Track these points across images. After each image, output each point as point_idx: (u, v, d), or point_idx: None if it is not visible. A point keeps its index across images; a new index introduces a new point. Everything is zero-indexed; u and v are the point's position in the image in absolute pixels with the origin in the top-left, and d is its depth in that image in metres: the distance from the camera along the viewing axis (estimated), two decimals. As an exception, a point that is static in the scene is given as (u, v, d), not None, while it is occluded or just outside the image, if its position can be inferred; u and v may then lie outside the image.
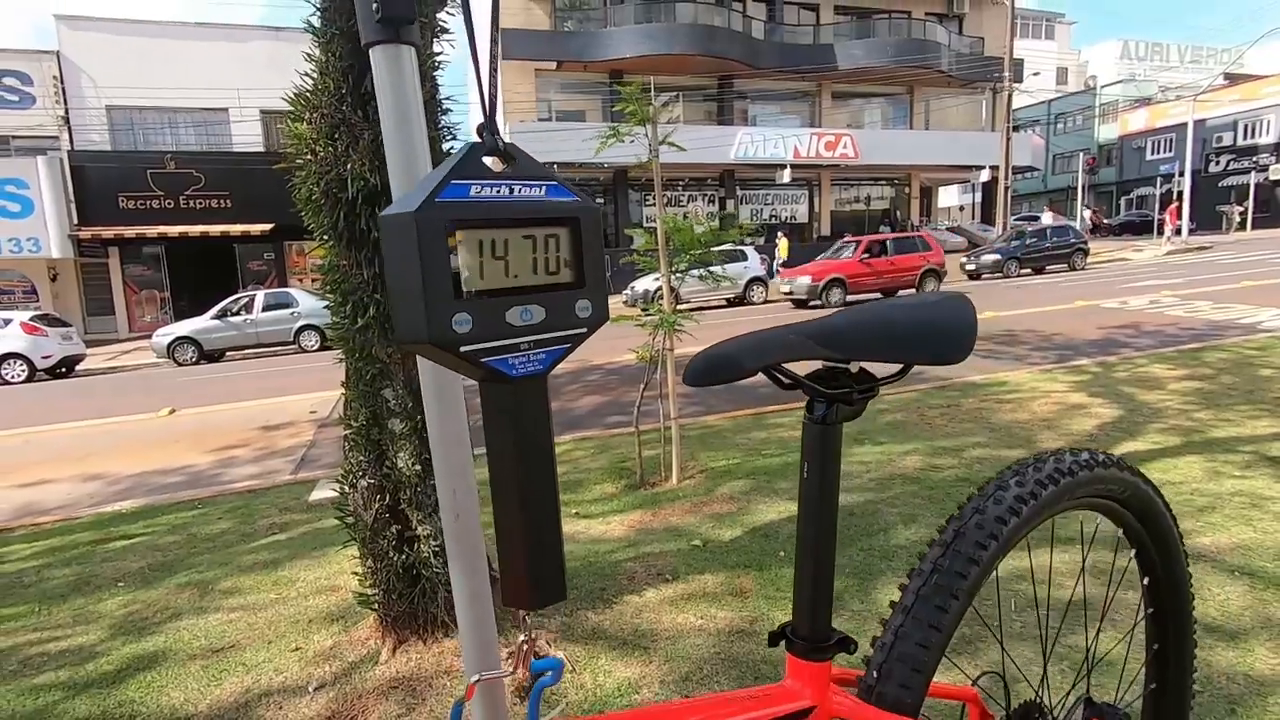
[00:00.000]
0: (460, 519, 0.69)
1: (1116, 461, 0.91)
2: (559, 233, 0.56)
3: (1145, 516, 0.96)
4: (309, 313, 13.81)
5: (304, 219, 2.17)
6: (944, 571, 0.73)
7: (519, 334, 0.53)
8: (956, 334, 0.67)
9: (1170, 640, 1.06)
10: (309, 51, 2.11)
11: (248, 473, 5.52)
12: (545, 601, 0.53)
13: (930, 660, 0.69)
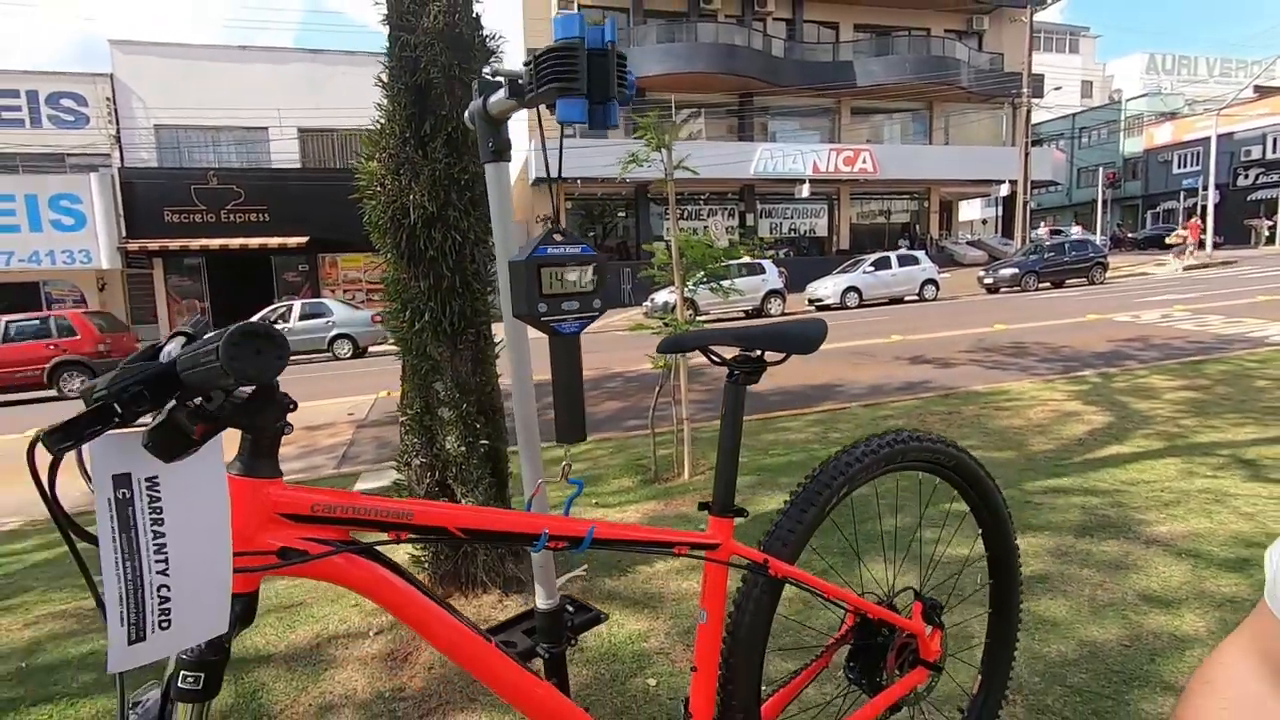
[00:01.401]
0: (524, 417, 1.12)
1: (946, 442, 1.29)
2: (586, 268, 1.00)
3: (972, 482, 1.34)
4: (342, 322, 14.44)
5: (372, 240, 2.59)
6: (809, 490, 1.14)
7: (566, 314, 0.99)
8: (812, 338, 1.07)
9: (1001, 577, 1.49)
10: (378, 102, 2.55)
11: (294, 468, 5.98)
12: (575, 438, 0.96)
13: (798, 535, 1.10)
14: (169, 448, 0.60)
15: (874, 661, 1.28)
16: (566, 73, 0.89)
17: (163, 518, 0.64)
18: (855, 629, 1.30)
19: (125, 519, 0.63)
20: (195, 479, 0.65)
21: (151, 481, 0.63)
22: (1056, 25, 44.59)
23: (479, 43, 2.58)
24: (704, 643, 1.09)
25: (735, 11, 23.39)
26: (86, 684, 2.52)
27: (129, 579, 0.64)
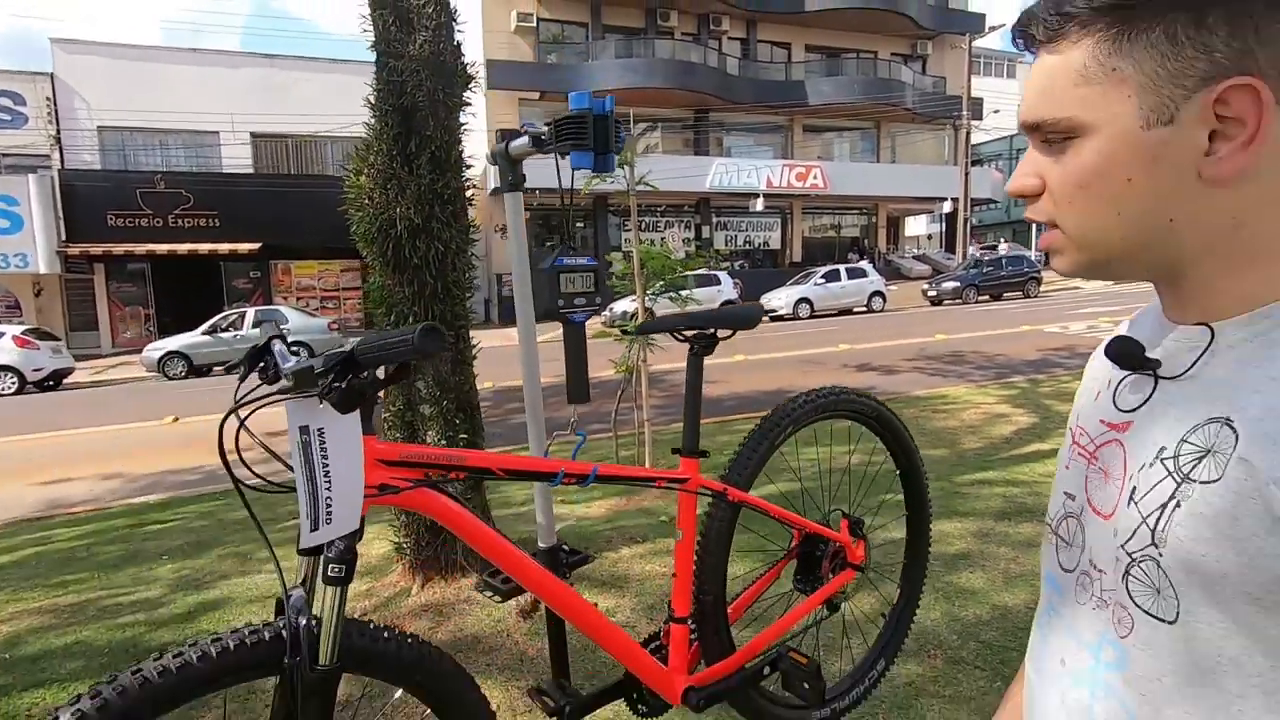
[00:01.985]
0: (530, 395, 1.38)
1: (869, 397, 1.60)
2: (590, 274, 1.28)
3: (887, 427, 1.66)
4: (298, 329, 14.25)
5: (360, 249, 2.79)
6: (759, 432, 1.45)
7: (577, 308, 1.28)
8: (752, 317, 1.41)
9: (914, 506, 1.85)
10: (367, 122, 2.75)
11: (260, 472, 6.02)
12: (582, 399, 1.23)
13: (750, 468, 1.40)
14: (346, 403, 0.86)
15: (813, 569, 1.60)
16: (579, 133, 1.16)
17: (327, 454, 0.89)
18: (800, 543, 1.61)
19: (308, 453, 0.88)
20: (344, 431, 0.90)
21: (320, 431, 0.89)
22: (996, 51, 46.80)
23: (461, 70, 2.81)
24: (681, 556, 1.38)
25: (692, 29, 24.00)
26: (75, 669, 2.62)
27: (310, 491, 0.92)
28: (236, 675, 0.91)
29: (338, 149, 21.30)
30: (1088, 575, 0.58)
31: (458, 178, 2.86)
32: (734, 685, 1.38)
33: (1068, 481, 0.64)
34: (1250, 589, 0.47)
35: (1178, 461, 0.51)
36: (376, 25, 2.71)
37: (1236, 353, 0.51)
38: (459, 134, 2.87)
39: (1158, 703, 0.52)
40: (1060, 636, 0.62)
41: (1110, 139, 0.50)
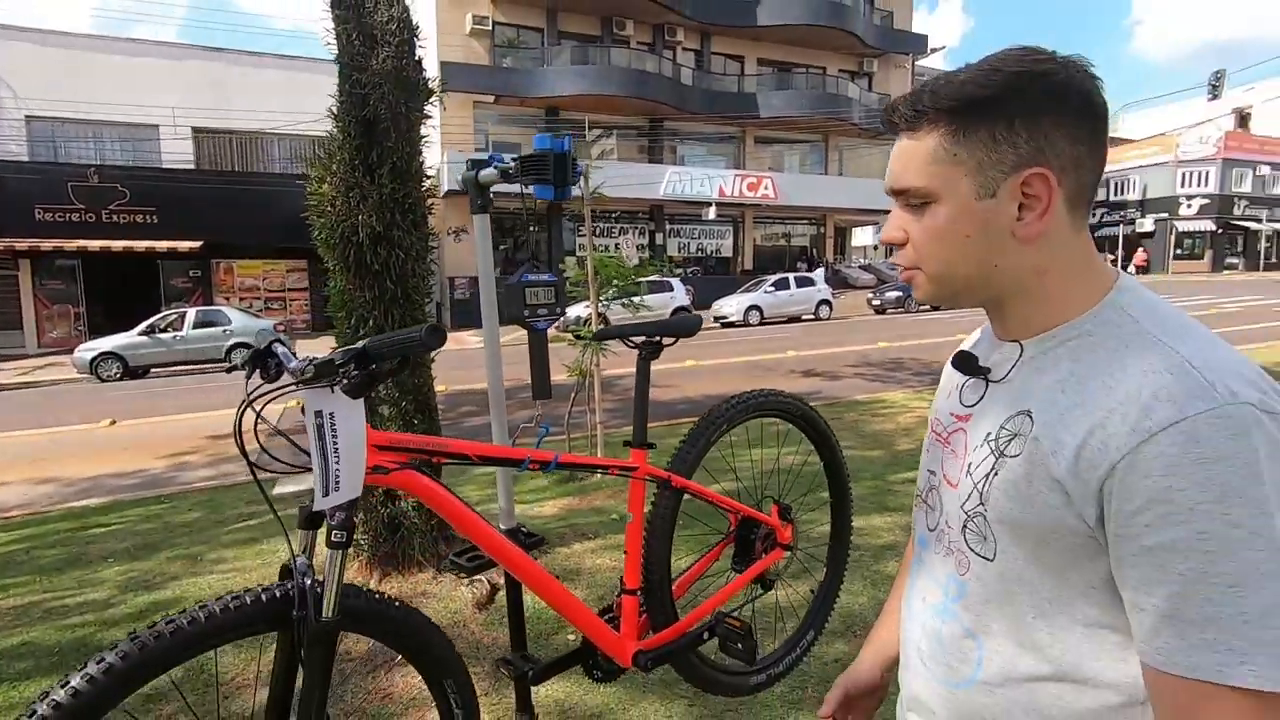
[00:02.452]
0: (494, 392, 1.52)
1: (794, 398, 1.81)
2: (550, 288, 1.42)
3: (811, 425, 1.86)
4: (242, 331, 13.91)
5: (321, 254, 2.88)
6: (698, 428, 1.64)
7: (540, 317, 1.44)
8: (692, 327, 1.58)
9: (836, 494, 2.05)
10: (328, 130, 2.85)
11: (204, 475, 5.94)
12: (544, 394, 1.38)
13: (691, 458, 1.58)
14: (358, 391, 1.04)
15: (749, 551, 1.80)
16: (541, 169, 1.32)
17: (337, 434, 1.03)
18: (737, 527, 1.82)
19: (321, 433, 1.02)
20: (350, 415, 1.05)
21: (332, 415, 1.03)
22: (938, 71, 48.72)
23: (422, 84, 2.93)
24: (631, 536, 1.55)
25: (647, 39, 24.31)
26: (24, 669, 2.63)
27: (323, 464, 1.07)
28: (251, 627, 1.04)
29: (284, 146, 20.83)
30: (942, 531, 0.79)
31: (418, 187, 2.97)
32: (678, 649, 1.56)
33: (929, 461, 0.84)
34: (1038, 532, 0.67)
35: (997, 442, 0.71)
36: (340, 40, 2.81)
37: (1035, 363, 0.71)
38: (420, 145, 2.99)
39: (984, 620, 0.72)
40: (923, 580, 0.82)
41: (953, 206, 0.69)
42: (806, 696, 2.25)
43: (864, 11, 26.65)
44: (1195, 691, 0.56)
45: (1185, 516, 0.56)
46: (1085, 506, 0.62)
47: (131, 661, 0.93)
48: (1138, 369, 0.62)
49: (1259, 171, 35.25)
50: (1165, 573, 0.57)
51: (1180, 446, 0.56)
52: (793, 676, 2.33)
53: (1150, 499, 0.57)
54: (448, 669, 1.23)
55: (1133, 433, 0.59)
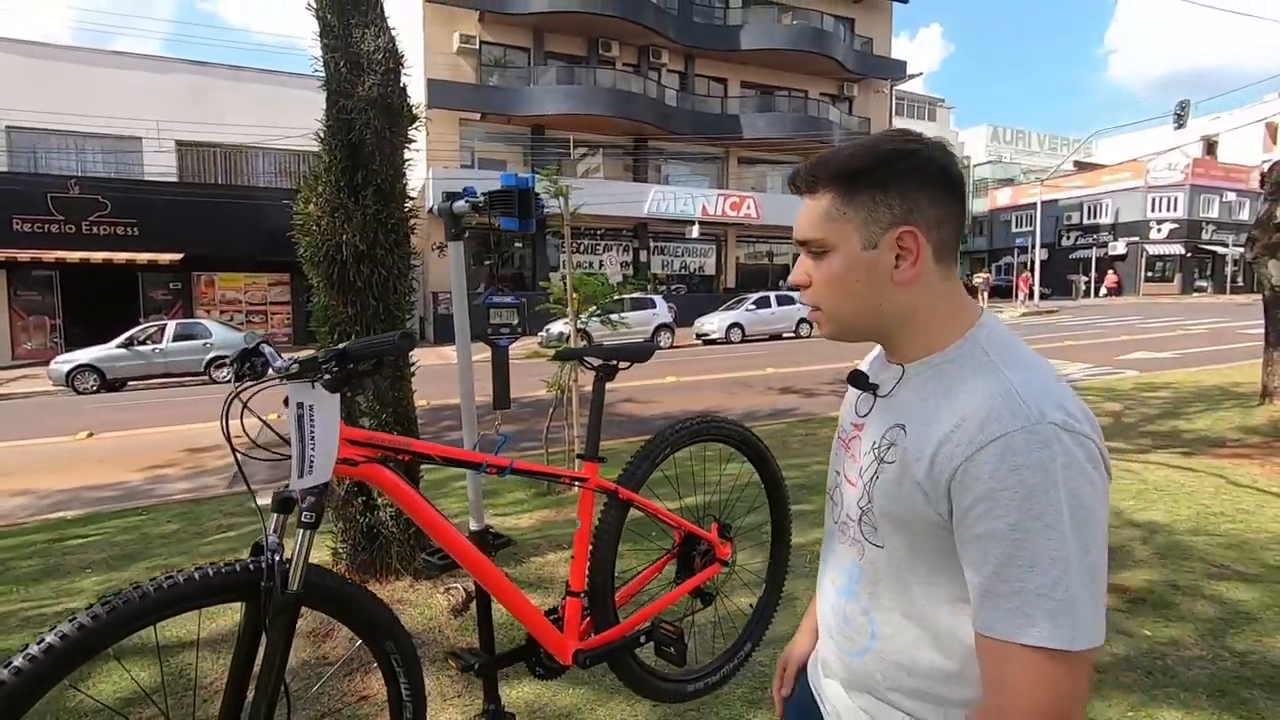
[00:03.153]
0: (465, 402, 1.64)
1: (735, 424, 1.94)
2: (513, 309, 1.54)
3: (752, 449, 1.99)
4: (222, 344, 13.84)
5: (305, 271, 2.98)
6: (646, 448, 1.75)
7: (502, 335, 1.57)
8: (646, 352, 1.71)
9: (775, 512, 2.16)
10: (316, 153, 2.97)
11: (182, 488, 5.95)
12: (503, 405, 1.50)
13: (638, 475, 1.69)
14: (335, 386, 1.16)
15: (688, 563, 1.89)
16: (507, 204, 1.46)
17: (314, 424, 1.14)
18: (681, 543, 1.92)
19: (301, 422, 1.14)
20: (326, 408, 1.17)
21: (310, 407, 1.14)
22: (917, 95, 49.77)
23: (407, 110, 3.07)
24: (579, 542, 1.66)
25: (632, 60, 24.72)
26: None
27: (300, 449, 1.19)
28: (222, 594, 1.14)
29: (268, 160, 20.87)
30: (845, 524, 0.93)
31: (400, 208, 3.10)
32: (615, 649, 1.66)
33: (835, 463, 0.99)
34: (910, 524, 0.81)
35: (878, 450, 0.85)
36: (328, 67, 2.94)
37: (910, 384, 0.86)
38: (403, 168, 3.11)
39: (877, 599, 0.87)
40: (832, 568, 0.97)
41: (845, 256, 0.84)
42: (765, 697, 2.36)
43: (844, 38, 27.31)
44: (1001, 650, 0.71)
45: (1002, 512, 0.70)
46: (939, 504, 0.77)
47: (111, 618, 1.03)
48: (981, 392, 0.76)
49: (1225, 198, 36.35)
50: (986, 555, 0.72)
51: (1000, 456, 0.71)
52: (753, 679, 2.45)
53: (978, 497, 0.72)
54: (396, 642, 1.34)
55: (970, 444, 0.73)
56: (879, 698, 0.87)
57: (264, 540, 1.19)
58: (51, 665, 0.98)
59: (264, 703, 1.16)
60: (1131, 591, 2.96)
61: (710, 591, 1.98)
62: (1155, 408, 7.06)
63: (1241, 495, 4.25)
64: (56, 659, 0.98)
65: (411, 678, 1.36)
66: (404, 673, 1.35)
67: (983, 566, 0.72)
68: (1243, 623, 2.70)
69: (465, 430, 1.71)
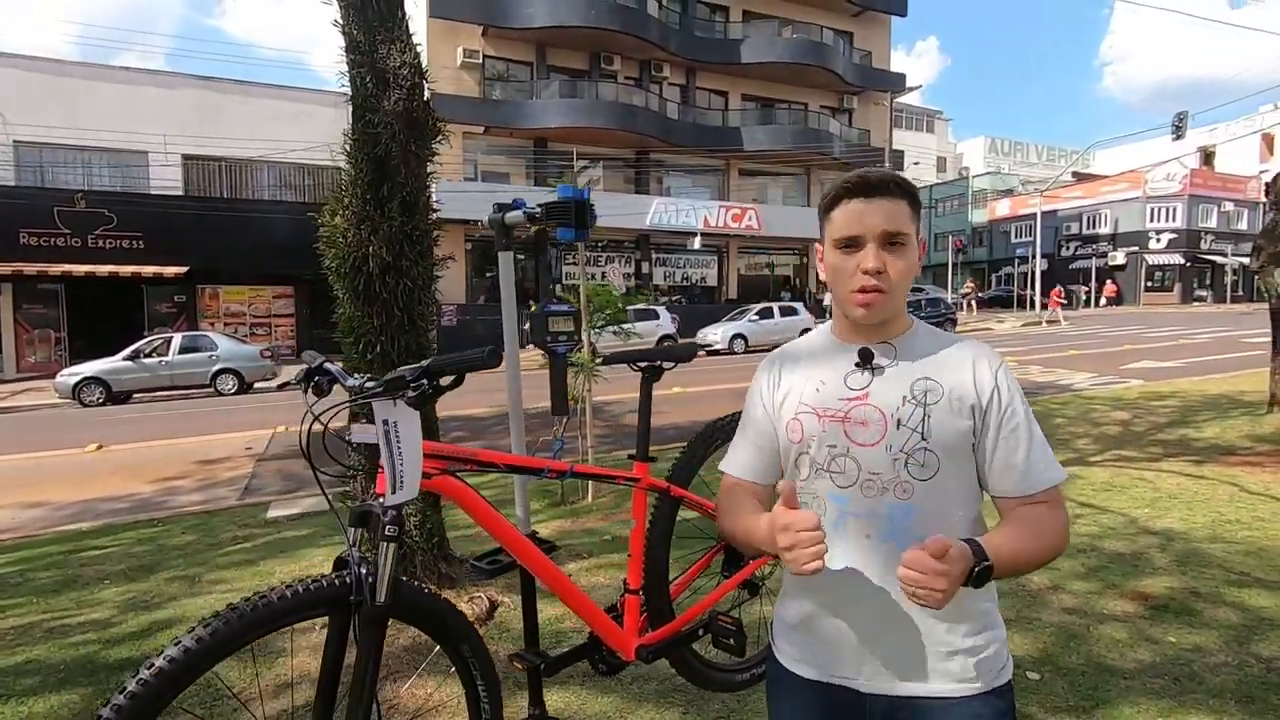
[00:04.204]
0: (514, 410, 1.66)
1: None
2: (569, 318, 1.57)
3: None
4: (227, 356, 13.88)
5: (331, 282, 3.01)
6: (693, 444, 1.78)
7: (560, 342, 1.57)
8: (690, 354, 1.74)
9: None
10: (343, 168, 3.01)
11: (195, 499, 5.96)
12: (563, 412, 1.53)
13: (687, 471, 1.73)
14: (420, 403, 1.19)
15: (736, 557, 1.92)
16: (564, 215, 1.49)
17: (400, 440, 1.18)
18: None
19: (389, 439, 1.18)
20: (412, 425, 1.21)
21: (395, 424, 1.19)
22: (916, 108, 50.15)
23: (431, 124, 3.12)
24: (635, 541, 1.69)
25: (634, 74, 24.92)
26: (30, 685, 2.68)
27: (391, 465, 1.21)
28: (313, 609, 1.16)
29: (273, 173, 20.98)
30: (870, 482, 1.03)
31: (425, 220, 3.14)
32: (676, 643, 1.69)
33: (828, 439, 1.07)
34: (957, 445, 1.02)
35: (917, 398, 1.04)
36: (354, 83, 2.99)
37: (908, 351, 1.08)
38: (426, 181, 3.16)
39: (930, 527, 0.97)
40: (860, 523, 1.04)
41: (912, 249, 1.06)
42: (795, 704, 2.37)
43: (844, 51, 27.53)
44: (1052, 492, 1.03)
45: (1019, 407, 1.04)
46: (976, 419, 1.03)
47: (214, 639, 1.05)
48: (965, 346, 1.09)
49: (1223, 208, 36.50)
50: (1022, 438, 1.03)
51: (1005, 376, 1.05)
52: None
53: (1006, 402, 1.04)
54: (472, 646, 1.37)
55: (990, 373, 1.05)
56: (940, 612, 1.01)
57: (347, 554, 1.21)
58: (160, 689, 1.02)
59: (359, 710, 1.18)
60: (1153, 599, 2.97)
61: (756, 583, 2.01)
62: (1164, 416, 7.08)
63: (1256, 503, 4.27)
64: (166, 682, 1.02)
65: (488, 678, 1.38)
66: (480, 674, 1.38)
67: (1022, 446, 1.02)
68: (1267, 629, 2.71)
69: (514, 437, 1.74)
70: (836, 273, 1.07)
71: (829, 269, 1.09)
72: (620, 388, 8.69)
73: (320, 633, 2.90)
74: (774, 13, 26.78)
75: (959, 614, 0.99)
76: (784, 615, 1.15)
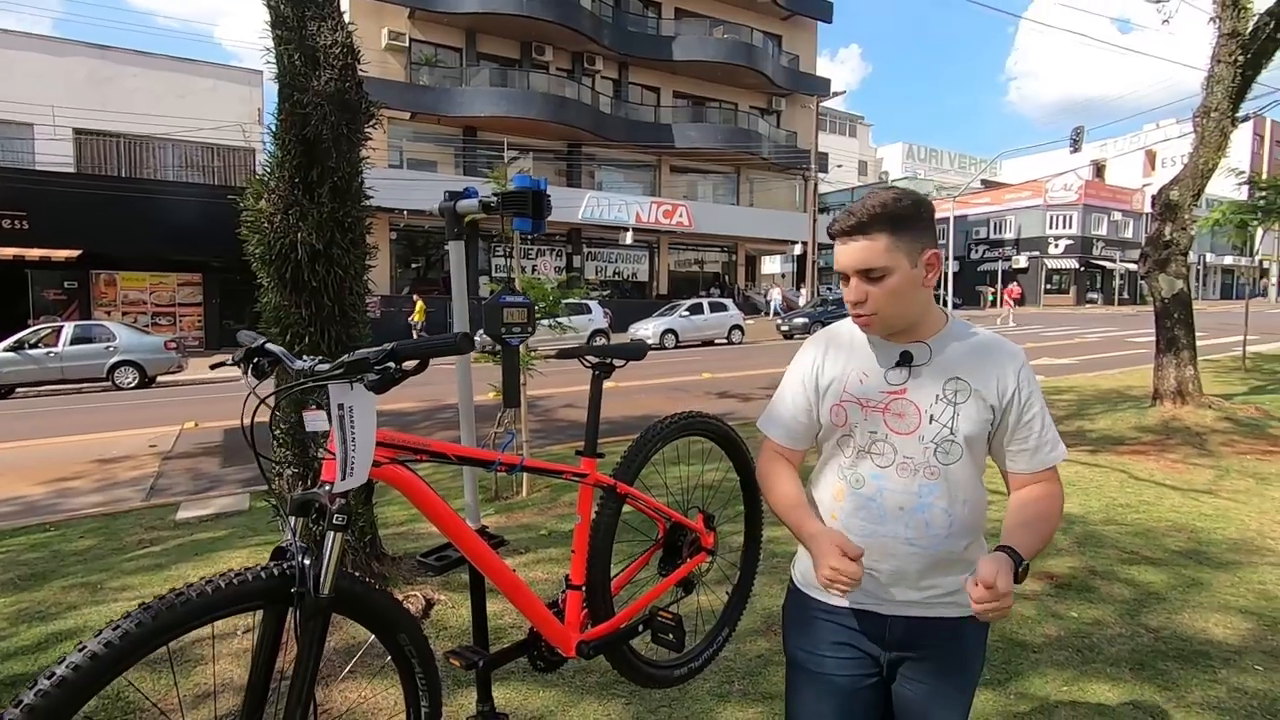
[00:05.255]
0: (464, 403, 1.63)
1: (714, 419, 2.01)
2: (523, 309, 1.54)
3: (727, 442, 2.07)
4: (127, 348, 12.92)
5: (254, 270, 2.86)
6: (638, 442, 1.79)
7: (514, 334, 1.53)
8: (641, 350, 1.75)
9: (749, 504, 2.26)
10: (269, 149, 2.86)
11: (93, 501, 5.53)
12: (514, 404, 1.50)
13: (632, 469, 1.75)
14: (380, 387, 1.13)
15: (675, 555, 1.95)
16: (521, 205, 1.46)
17: (354, 426, 1.12)
18: (667, 532, 1.99)
19: (343, 424, 1.12)
20: (366, 409, 1.15)
21: (350, 409, 1.12)
22: (840, 112, 51.82)
23: (365, 106, 3.00)
24: (579, 536, 1.68)
25: (566, 65, 24.71)
26: None
27: (343, 451, 1.16)
28: (250, 601, 1.10)
29: (178, 153, 19.63)
30: (902, 464, 1.22)
31: (358, 206, 3.02)
32: (616, 639, 1.70)
33: (869, 425, 1.24)
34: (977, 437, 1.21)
35: (949, 397, 1.21)
36: (281, 60, 2.84)
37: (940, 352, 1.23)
38: (360, 166, 3.04)
39: (953, 501, 1.22)
40: (896, 496, 1.23)
41: (900, 276, 1.17)
42: (734, 690, 2.43)
43: (773, 53, 28.17)
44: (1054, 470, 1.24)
45: (1036, 400, 1.22)
46: (995, 416, 1.21)
47: (145, 629, 0.98)
48: (993, 346, 1.24)
49: (1113, 217, 39.53)
50: (1035, 427, 1.22)
51: (1025, 373, 1.23)
52: (720, 673, 2.52)
53: (1026, 397, 1.22)
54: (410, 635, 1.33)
55: (1013, 373, 1.22)
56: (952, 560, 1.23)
57: (287, 544, 1.16)
58: (64, 699, 0.94)
59: (298, 710, 1.13)
60: (1058, 578, 3.20)
61: (692, 580, 2.04)
62: (1062, 409, 7.61)
63: (1142, 488, 4.66)
64: (70, 692, 0.94)
65: (429, 674, 1.35)
66: (421, 670, 1.34)
67: (1034, 434, 1.21)
68: (1154, 602, 2.98)
69: (464, 430, 1.70)
70: (845, 294, 1.23)
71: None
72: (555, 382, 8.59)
73: (241, 638, 2.76)
74: (706, 11, 27.10)
75: (965, 566, 1.21)
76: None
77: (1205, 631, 2.73)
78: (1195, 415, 6.32)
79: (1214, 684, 2.37)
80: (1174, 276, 6.66)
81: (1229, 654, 2.56)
